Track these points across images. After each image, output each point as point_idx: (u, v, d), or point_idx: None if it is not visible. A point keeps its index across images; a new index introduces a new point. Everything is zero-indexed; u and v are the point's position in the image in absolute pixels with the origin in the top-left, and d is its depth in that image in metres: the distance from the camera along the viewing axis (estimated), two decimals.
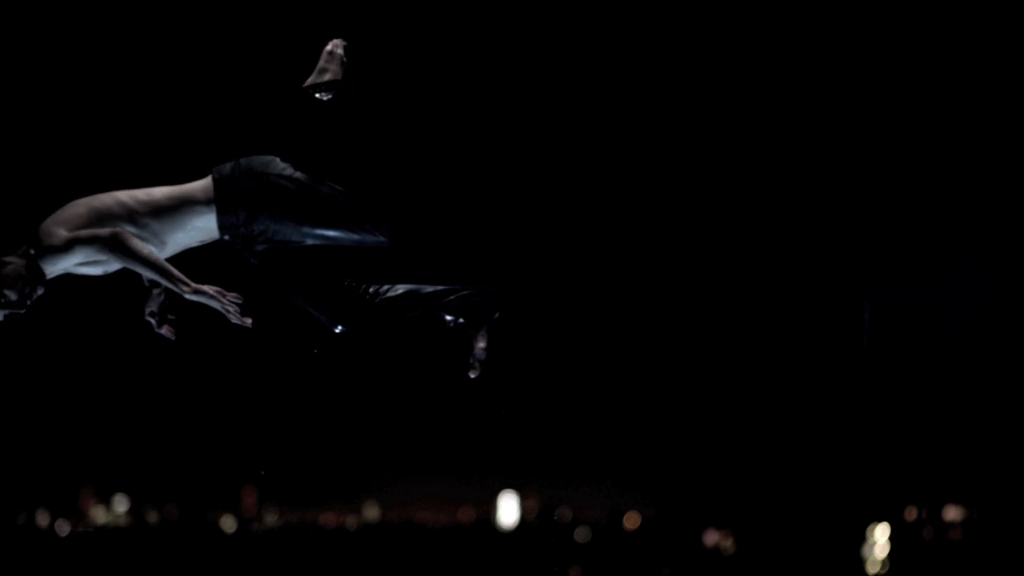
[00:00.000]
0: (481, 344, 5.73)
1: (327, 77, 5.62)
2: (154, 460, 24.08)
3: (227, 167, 5.55)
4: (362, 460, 25.07)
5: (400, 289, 5.69)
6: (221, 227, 5.48)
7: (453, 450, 23.38)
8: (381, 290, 5.68)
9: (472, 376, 5.73)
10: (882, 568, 22.71)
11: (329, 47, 5.79)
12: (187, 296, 5.48)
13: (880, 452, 19.33)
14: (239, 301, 5.48)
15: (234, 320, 5.48)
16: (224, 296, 5.47)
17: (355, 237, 5.56)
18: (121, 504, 28.17)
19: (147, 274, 5.50)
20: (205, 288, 5.51)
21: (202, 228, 5.56)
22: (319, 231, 5.54)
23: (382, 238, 5.57)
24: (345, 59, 5.67)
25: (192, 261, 5.69)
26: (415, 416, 21.13)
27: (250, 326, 5.52)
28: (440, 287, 5.75)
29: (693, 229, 14.45)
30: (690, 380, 18.47)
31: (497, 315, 5.52)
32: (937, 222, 14.56)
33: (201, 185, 5.56)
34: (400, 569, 25.02)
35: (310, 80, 5.59)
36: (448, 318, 5.61)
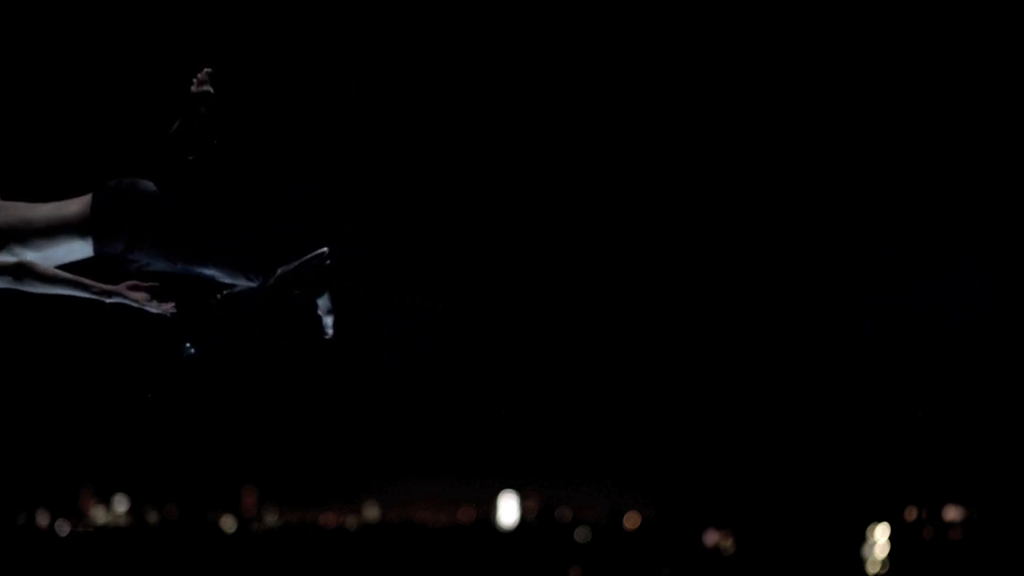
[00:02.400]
0: (326, 307, 5.68)
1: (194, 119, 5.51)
2: (154, 460, 24.09)
3: (109, 193, 5.44)
4: (362, 460, 25.08)
5: (243, 293, 5.61)
6: (97, 253, 5.46)
7: (453, 450, 23.39)
8: (227, 300, 5.61)
9: (327, 338, 5.68)
10: (882, 568, 22.73)
11: (194, 86, 5.64)
12: (106, 301, 5.45)
13: (880, 452, 19.34)
14: (156, 285, 5.43)
15: (155, 311, 5.45)
16: (138, 292, 5.44)
17: (227, 278, 5.52)
18: (121, 504, 28.18)
19: (61, 292, 5.45)
20: (118, 289, 5.47)
21: (78, 251, 5.54)
22: (192, 268, 5.51)
23: (254, 283, 5.52)
24: (212, 91, 5.53)
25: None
26: (415, 416, 21.14)
27: (172, 312, 5.48)
28: (276, 275, 5.69)
29: (694, 230, 14.46)
30: (690, 380, 18.48)
31: (333, 276, 5.47)
32: (937, 222, 14.56)
33: (78, 211, 5.46)
34: (400, 569, 25.03)
35: (175, 127, 5.44)
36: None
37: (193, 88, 5.51)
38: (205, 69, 5.52)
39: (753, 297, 15.68)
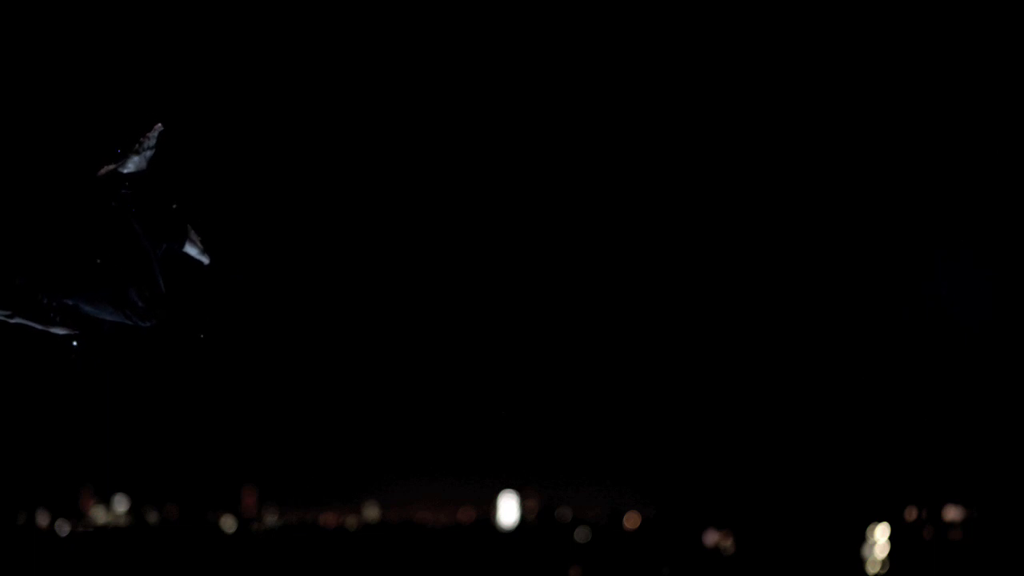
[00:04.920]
0: (195, 249, 5.76)
1: (129, 167, 5.44)
2: (154, 460, 24.11)
3: (6, 231, 5.37)
4: (362, 460, 25.09)
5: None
6: None
7: (453, 450, 23.40)
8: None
9: (206, 264, 5.74)
10: (882, 568, 22.74)
11: (137, 146, 5.52)
12: (10, 322, 5.41)
13: (880, 452, 19.35)
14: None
15: (60, 332, 5.43)
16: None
17: (117, 320, 5.51)
18: (121, 504, 28.18)
19: None
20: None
21: None
22: (83, 306, 5.49)
23: (143, 323, 5.51)
24: (152, 152, 5.45)
25: None
26: (415, 416, 21.16)
27: (77, 333, 5.48)
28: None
29: (697, 231, 14.47)
30: (690, 380, 18.49)
31: (193, 222, 5.52)
32: (937, 222, 14.58)
33: None
34: (400, 569, 25.03)
35: (106, 170, 5.37)
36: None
37: (136, 147, 5.39)
38: (157, 126, 5.40)
39: (752, 298, 15.69)
